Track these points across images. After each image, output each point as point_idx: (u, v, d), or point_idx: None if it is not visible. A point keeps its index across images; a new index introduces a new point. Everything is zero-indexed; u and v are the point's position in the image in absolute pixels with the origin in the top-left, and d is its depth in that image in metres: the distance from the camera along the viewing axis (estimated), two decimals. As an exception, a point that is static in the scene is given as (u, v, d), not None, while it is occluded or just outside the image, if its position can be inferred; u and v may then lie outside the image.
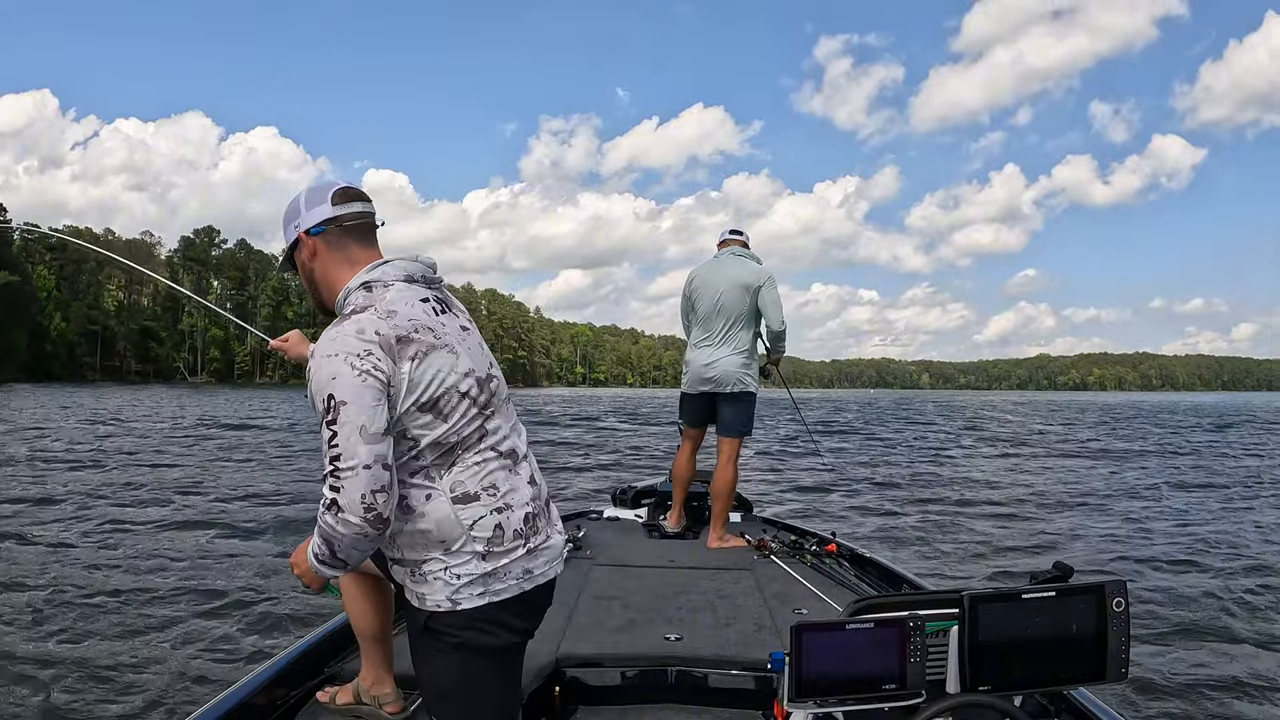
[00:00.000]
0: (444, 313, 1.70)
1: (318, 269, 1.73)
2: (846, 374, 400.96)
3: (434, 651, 1.67)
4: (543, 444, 19.78)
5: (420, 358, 1.57)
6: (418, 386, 1.57)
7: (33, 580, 5.81)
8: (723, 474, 4.44)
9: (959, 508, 10.48)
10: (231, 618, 5.02)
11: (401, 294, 1.64)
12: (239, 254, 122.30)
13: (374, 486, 1.49)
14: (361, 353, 1.52)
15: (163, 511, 8.98)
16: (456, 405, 1.61)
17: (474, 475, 1.63)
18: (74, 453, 15.04)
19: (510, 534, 1.65)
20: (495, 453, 1.67)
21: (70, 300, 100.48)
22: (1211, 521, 9.57)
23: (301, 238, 1.72)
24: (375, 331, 1.54)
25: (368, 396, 1.50)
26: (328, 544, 1.55)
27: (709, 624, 2.98)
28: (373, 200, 1.77)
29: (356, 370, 1.50)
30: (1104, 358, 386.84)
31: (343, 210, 1.71)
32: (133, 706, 3.83)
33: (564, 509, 5.65)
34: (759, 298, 4.44)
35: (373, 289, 1.64)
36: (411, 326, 1.59)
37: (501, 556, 1.64)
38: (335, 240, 1.71)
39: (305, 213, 1.72)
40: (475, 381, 1.66)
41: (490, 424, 1.68)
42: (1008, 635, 1.70)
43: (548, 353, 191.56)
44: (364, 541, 1.52)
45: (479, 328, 1.84)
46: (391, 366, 1.54)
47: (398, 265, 1.69)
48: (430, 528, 1.61)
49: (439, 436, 1.60)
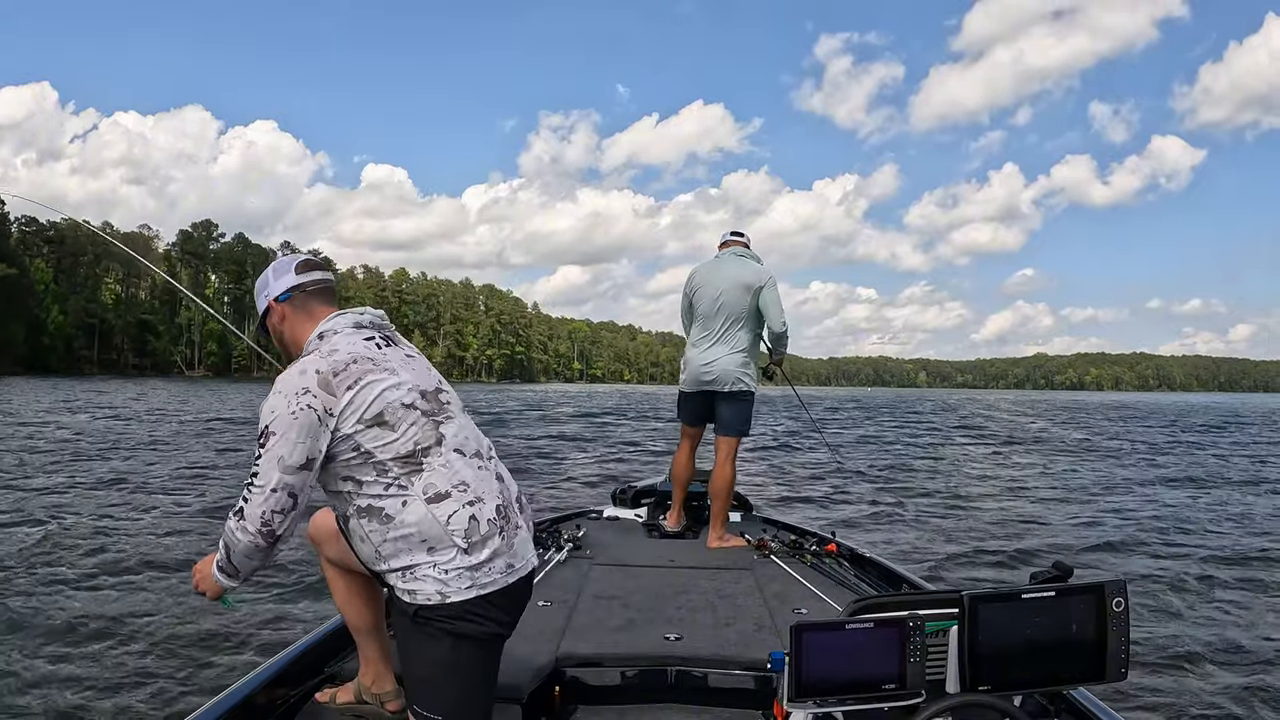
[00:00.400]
0: (388, 346, 1.91)
1: (286, 331, 1.98)
2: (844, 372, 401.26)
3: (424, 638, 1.78)
4: (542, 440, 19.79)
5: (356, 385, 1.77)
6: (360, 407, 1.76)
7: (28, 578, 5.80)
8: (721, 473, 4.45)
9: (959, 507, 10.50)
10: (231, 616, 5.01)
11: (347, 337, 1.88)
12: (237, 248, 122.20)
13: (275, 508, 1.72)
14: (299, 391, 1.73)
15: (159, 508, 8.97)
16: (403, 416, 1.79)
17: (443, 476, 1.80)
18: (74, 445, 15.03)
19: (485, 523, 1.79)
20: (459, 453, 1.84)
21: (68, 293, 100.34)
22: (1211, 522, 9.59)
23: (272, 304, 1.98)
24: (315, 370, 1.76)
25: (294, 433, 1.71)
26: (226, 549, 1.78)
27: (709, 624, 2.98)
28: (329, 270, 2.05)
29: (290, 408, 1.72)
30: (1101, 358, 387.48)
31: (306, 278, 1.98)
32: (132, 706, 3.82)
33: (564, 509, 5.67)
34: (760, 298, 4.45)
35: (324, 337, 1.89)
36: (350, 359, 1.80)
37: (482, 547, 1.78)
38: (301, 304, 1.97)
39: (274, 282, 1.98)
40: (419, 394, 1.85)
41: (445, 429, 1.85)
42: (1008, 635, 1.70)
43: (545, 348, 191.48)
44: (255, 552, 1.75)
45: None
46: (329, 399, 1.74)
47: (348, 316, 1.93)
48: (411, 531, 1.76)
49: (397, 447, 1.77)
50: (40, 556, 6.50)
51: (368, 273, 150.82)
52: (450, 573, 1.75)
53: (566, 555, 3.92)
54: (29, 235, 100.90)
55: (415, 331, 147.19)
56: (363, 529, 1.81)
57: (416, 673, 1.83)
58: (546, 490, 11.23)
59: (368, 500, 1.79)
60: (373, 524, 1.79)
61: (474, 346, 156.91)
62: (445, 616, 1.76)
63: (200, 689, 3.94)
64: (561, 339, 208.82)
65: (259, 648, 4.48)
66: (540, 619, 2.94)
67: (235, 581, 1.84)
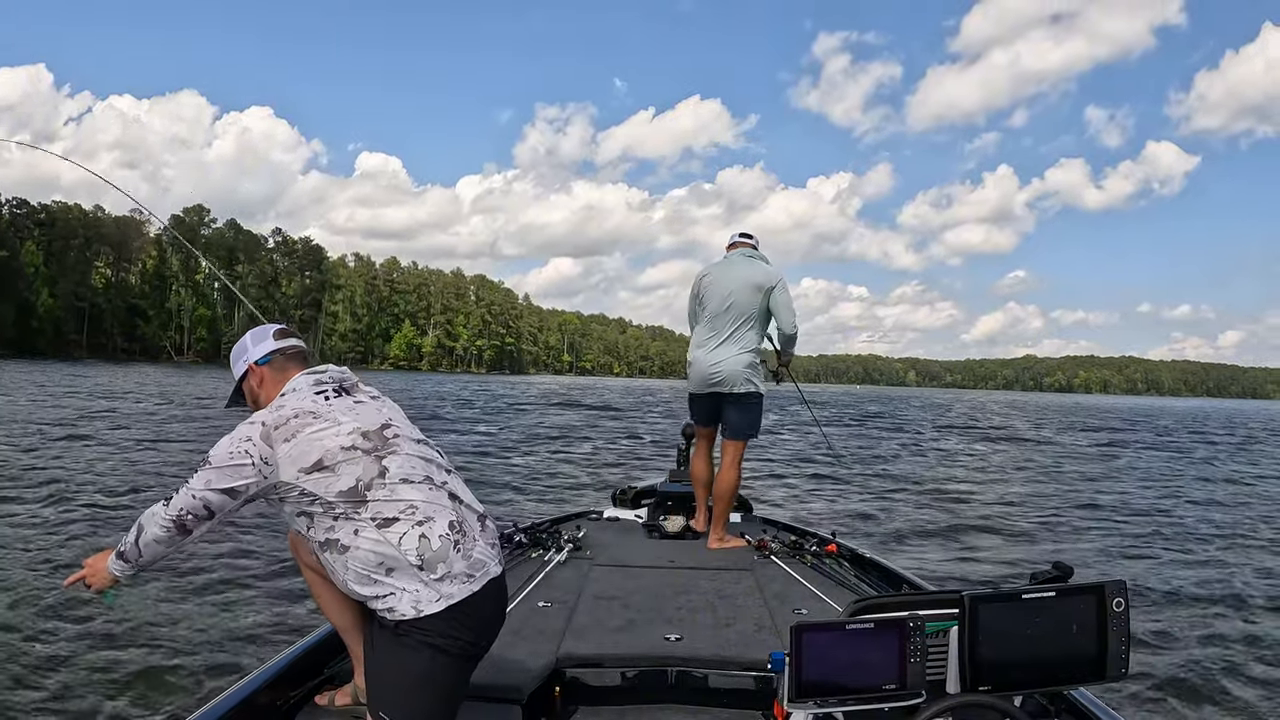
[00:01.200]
0: (338, 397, 2.07)
1: (263, 393, 2.15)
2: (833, 369, 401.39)
3: (405, 650, 1.90)
4: (542, 439, 19.76)
5: (292, 436, 1.93)
6: (297, 458, 1.92)
7: (22, 576, 5.74)
8: (725, 476, 4.44)
9: (959, 508, 10.55)
10: (230, 617, 4.99)
11: (299, 395, 2.05)
12: (228, 234, 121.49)
13: (193, 511, 1.92)
14: (244, 438, 1.94)
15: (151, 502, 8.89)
16: (341, 459, 1.93)
17: (389, 504, 1.92)
18: (63, 431, 14.96)
19: (436, 539, 1.91)
20: (406, 482, 1.96)
21: (58, 276, 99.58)
22: (1210, 522, 9.68)
23: (252, 368, 2.16)
24: (261, 422, 1.96)
25: (226, 467, 1.92)
26: (139, 530, 1.97)
27: (709, 624, 2.99)
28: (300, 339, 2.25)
29: (230, 448, 1.93)
30: (1090, 360, 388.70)
31: (283, 344, 2.17)
32: (132, 706, 3.81)
33: (564, 509, 5.66)
34: (771, 299, 4.43)
35: (285, 395, 2.06)
36: (292, 414, 1.97)
37: (437, 562, 1.90)
38: (279, 366, 2.15)
39: (253, 348, 2.17)
40: (360, 435, 1.98)
41: (389, 462, 1.97)
42: (1008, 636, 1.71)
43: (535, 340, 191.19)
44: (164, 536, 1.94)
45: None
46: (267, 449, 1.93)
47: (310, 376, 2.10)
48: (367, 557, 1.90)
49: (340, 486, 1.91)
50: (35, 551, 6.45)
51: (359, 261, 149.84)
52: (413, 589, 1.88)
53: (566, 556, 3.92)
54: (20, 217, 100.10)
55: (406, 321, 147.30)
56: (329, 561, 1.96)
57: (390, 680, 1.93)
58: (547, 490, 11.21)
59: (324, 534, 1.94)
60: (333, 555, 1.94)
61: (464, 337, 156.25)
62: (424, 629, 1.88)
63: (200, 689, 3.93)
64: (551, 331, 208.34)
65: (259, 648, 4.47)
66: (540, 619, 2.95)
67: (129, 569, 2.02)
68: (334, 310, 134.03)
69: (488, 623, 2.01)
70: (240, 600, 5.33)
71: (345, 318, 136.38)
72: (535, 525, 4.41)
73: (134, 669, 4.17)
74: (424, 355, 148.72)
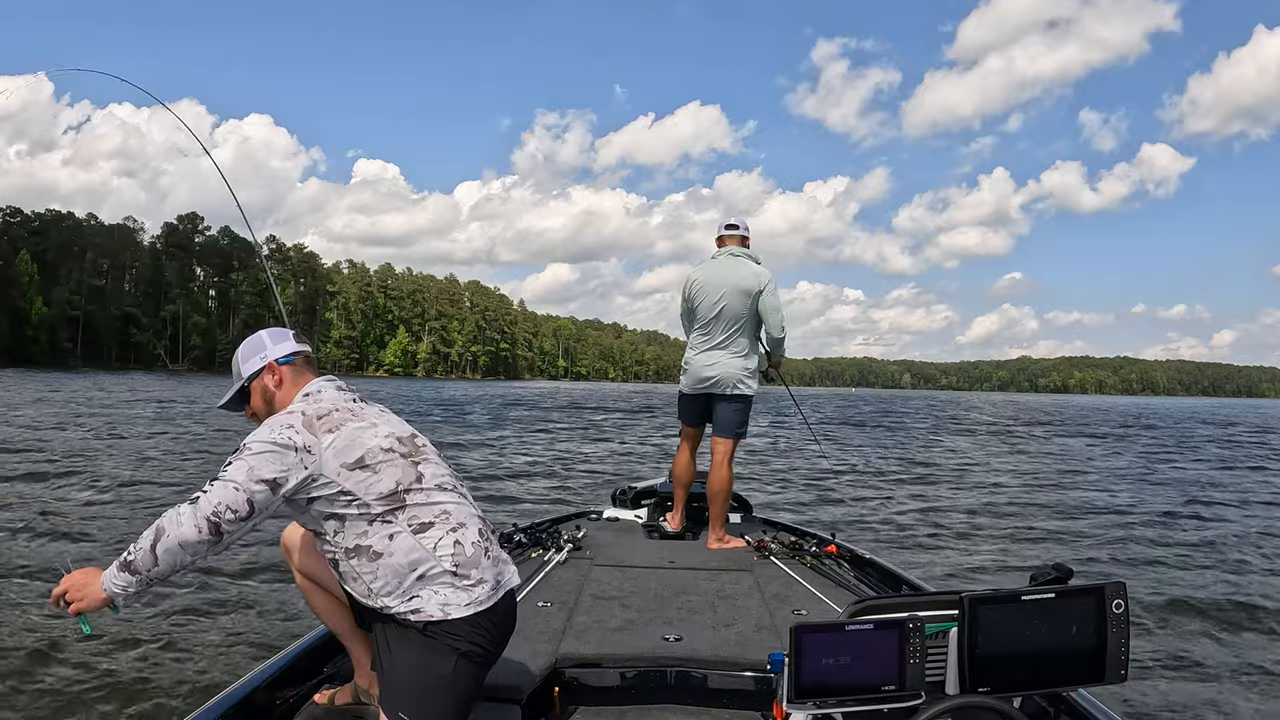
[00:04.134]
0: (364, 405, 2.05)
1: (280, 393, 2.07)
2: (828, 372, 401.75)
3: (430, 651, 1.88)
4: (541, 438, 19.73)
5: (336, 428, 1.90)
6: (340, 450, 1.87)
7: (20, 575, 5.73)
8: (718, 474, 4.44)
9: (958, 509, 10.52)
10: (230, 616, 4.97)
11: (329, 394, 2.03)
12: (222, 241, 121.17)
13: (232, 505, 1.77)
14: (285, 425, 1.88)
15: (154, 504, 8.88)
16: (383, 459, 1.91)
17: (425, 508, 1.92)
18: (67, 441, 14.89)
19: (469, 546, 1.92)
20: (440, 489, 1.97)
21: (52, 285, 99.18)
22: (1210, 523, 9.68)
23: (272, 365, 2.08)
24: (302, 412, 1.92)
25: (270, 452, 1.82)
26: (156, 533, 1.76)
27: (708, 624, 2.99)
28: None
29: (273, 435, 1.85)
30: (1085, 361, 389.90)
31: (303, 346, 2.15)
32: (131, 706, 3.79)
33: (564, 509, 5.65)
34: (760, 303, 4.43)
35: (310, 395, 2.03)
36: (331, 407, 1.96)
37: (470, 567, 1.91)
38: (300, 366, 2.11)
39: (273, 347, 2.11)
40: (396, 439, 1.97)
41: (424, 469, 1.97)
42: (1007, 637, 1.72)
43: (530, 345, 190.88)
44: (193, 539, 1.75)
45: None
46: (310, 438, 1.87)
47: (331, 380, 2.08)
48: (401, 560, 1.87)
49: (380, 488, 1.88)
50: (33, 549, 6.43)
51: (353, 268, 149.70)
52: (445, 593, 1.88)
53: (566, 556, 3.92)
54: (13, 226, 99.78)
55: (400, 327, 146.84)
56: (353, 569, 1.91)
57: (411, 681, 1.89)
58: (547, 491, 11.19)
59: (354, 539, 1.89)
60: (361, 561, 1.89)
61: (459, 343, 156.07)
62: (450, 633, 1.88)
63: (200, 689, 3.91)
64: (547, 336, 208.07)
65: (259, 648, 4.46)
66: (540, 619, 2.95)
67: (135, 585, 1.78)
68: (328, 317, 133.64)
69: (505, 631, 2.02)
70: (240, 600, 5.32)
71: (340, 324, 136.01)
72: (535, 525, 4.41)
73: (133, 670, 4.15)
74: (419, 361, 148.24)
